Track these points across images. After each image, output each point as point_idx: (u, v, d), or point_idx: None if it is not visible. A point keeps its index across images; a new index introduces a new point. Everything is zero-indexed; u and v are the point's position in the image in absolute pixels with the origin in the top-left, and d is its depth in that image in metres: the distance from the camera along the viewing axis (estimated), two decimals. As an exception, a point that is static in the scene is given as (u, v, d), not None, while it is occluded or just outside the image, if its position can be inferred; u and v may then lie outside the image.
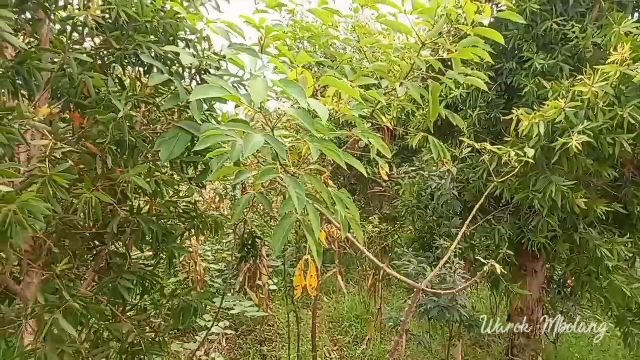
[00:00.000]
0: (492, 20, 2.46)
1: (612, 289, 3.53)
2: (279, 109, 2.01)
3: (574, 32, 3.26)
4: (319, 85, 2.28)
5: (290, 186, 1.59)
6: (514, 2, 3.36)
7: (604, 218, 3.43)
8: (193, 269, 5.64)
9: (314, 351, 3.44)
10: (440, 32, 2.16)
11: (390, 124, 3.05)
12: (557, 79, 3.26)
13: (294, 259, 5.50)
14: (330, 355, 5.22)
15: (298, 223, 1.80)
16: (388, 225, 6.09)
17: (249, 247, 4.11)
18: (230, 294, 5.84)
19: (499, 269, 2.25)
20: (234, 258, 5.20)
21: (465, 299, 3.39)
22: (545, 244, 3.58)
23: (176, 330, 5.59)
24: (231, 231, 5.24)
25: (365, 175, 1.92)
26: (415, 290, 2.64)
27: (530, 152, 2.69)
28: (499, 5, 3.71)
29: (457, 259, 3.45)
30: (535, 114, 2.86)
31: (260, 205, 4.36)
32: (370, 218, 5.62)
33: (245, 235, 4.11)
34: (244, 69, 2.12)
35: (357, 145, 3.05)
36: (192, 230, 2.78)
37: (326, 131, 1.79)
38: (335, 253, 5.45)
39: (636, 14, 3.55)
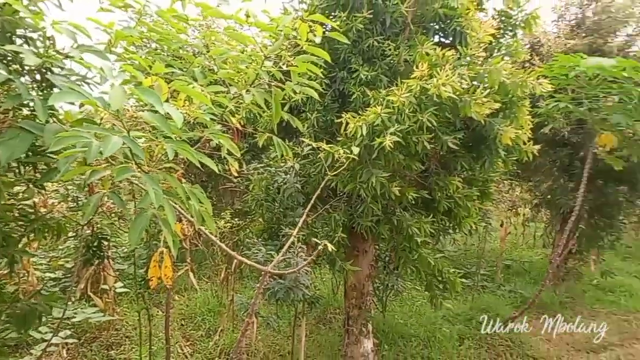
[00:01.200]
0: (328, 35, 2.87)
1: (421, 260, 4.36)
2: (134, 111, 2.11)
3: (390, 49, 3.92)
4: (171, 88, 2.44)
5: (147, 183, 1.75)
6: (342, 21, 3.89)
7: (414, 203, 4.21)
8: (24, 279, 5.16)
9: (167, 344, 3.54)
10: (280, 48, 2.49)
11: (240, 124, 3.32)
12: (378, 88, 3.89)
13: (144, 260, 5.39)
14: (182, 350, 5.30)
15: (153, 219, 1.95)
16: (240, 220, 6.35)
17: (94, 249, 3.99)
18: (70, 302, 5.48)
19: (330, 247, 2.70)
20: (75, 263, 4.91)
21: (307, 279, 3.85)
22: (371, 227, 4.23)
23: (6, 347, 5.06)
24: (70, 235, 4.94)
25: (217, 171, 2.15)
26: (262, 274, 2.97)
27: (356, 150, 3.23)
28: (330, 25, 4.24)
29: (300, 244, 3.89)
30: (360, 117, 3.42)
31: (105, 205, 4.24)
32: (222, 214, 5.80)
33: (90, 237, 3.98)
34: (90, 69, 2.17)
35: (208, 145, 3.25)
36: (32, 234, 2.68)
37: (180, 132, 1.98)
38: (187, 251, 5.52)
39: (437, 37, 4.36)
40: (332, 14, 4.23)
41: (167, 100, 1.96)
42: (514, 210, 8.58)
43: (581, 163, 5.55)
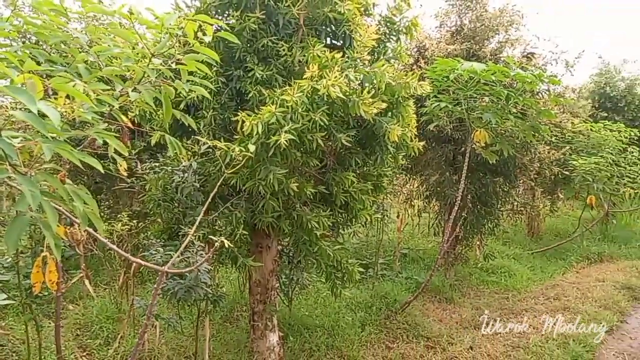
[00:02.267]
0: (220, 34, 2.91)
1: (321, 252, 4.56)
2: (8, 109, 1.99)
3: (284, 50, 4.05)
4: (50, 85, 2.34)
5: (23, 184, 1.70)
6: (237, 20, 3.94)
7: (313, 198, 4.39)
8: None
9: (58, 353, 3.35)
10: (168, 46, 2.50)
11: (133, 122, 3.24)
12: (273, 87, 4.01)
13: (29, 269, 5.00)
14: (78, 361, 5.01)
15: (32, 223, 1.88)
16: (139, 222, 6.12)
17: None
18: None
19: (227, 244, 2.77)
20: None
21: (207, 277, 3.87)
22: (272, 223, 4.35)
23: None
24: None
25: (102, 171, 2.12)
26: (159, 275, 2.95)
27: (252, 148, 3.32)
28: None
29: (200, 243, 3.89)
30: (255, 116, 3.51)
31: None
32: (119, 215, 5.56)
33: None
34: None
35: (95, 144, 3.14)
36: None
37: (59, 132, 1.92)
38: (81, 257, 5.22)
39: (328, 39, 4.57)
40: (226, 12, 4.27)
41: (43, 98, 1.89)
42: (409, 202, 9.22)
43: (463, 157, 6.14)
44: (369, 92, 3.74)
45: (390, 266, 8.88)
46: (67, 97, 2.37)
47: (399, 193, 9.36)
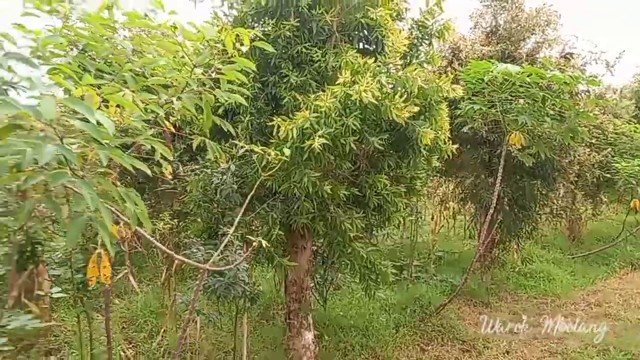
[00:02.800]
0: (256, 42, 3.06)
1: (354, 253, 4.67)
2: (66, 118, 2.19)
3: (317, 56, 4.18)
4: (102, 95, 2.55)
5: (82, 187, 1.89)
6: (272, 28, 4.10)
7: (346, 200, 4.50)
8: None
9: (108, 344, 3.60)
10: (209, 57, 2.67)
11: (175, 126, 3.43)
12: (307, 92, 4.14)
13: (82, 264, 5.33)
14: (125, 352, 5.30)
15: (89, 222, 2.08)
16: (180, 221, 6.40)
17: (28, 254, 3.96)
18: (4, 310, 5.32)
19: (264, 244, 2.91)
20: (6, 270, 4.78)
21: (245, 275, 4.03)
22: (306, 224, 4.48)
23: None
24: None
25: (150, 174, 2.30)
26: (201, 273, 3.13)
27: (287, 152, 3.45)
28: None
29: (239, 242, 4.06)
30: (290, 121, 3.65)
31: (38, 210, 4.19)
32: (161, 215, 5.83)
33: (23, 242, 3.93)
34: (16, 74, 2.26)
35: (142, 149, 3.35)
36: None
37: (112, 139, 2.11)
38: (126, 254, 5.51)
39: (361, 44, 4.67)
40: (261, 20, 4.43)
41: (99, 108, 2.08)
42: (443, 204, 9.17)
43: (499, 160, 6.10)
44: (401, 96, 3.81)
45: (424, 268, 8.86)
46: (117, 105, 2.57)
47: (433, 195, 9.32)
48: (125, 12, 2.84)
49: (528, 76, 4.85)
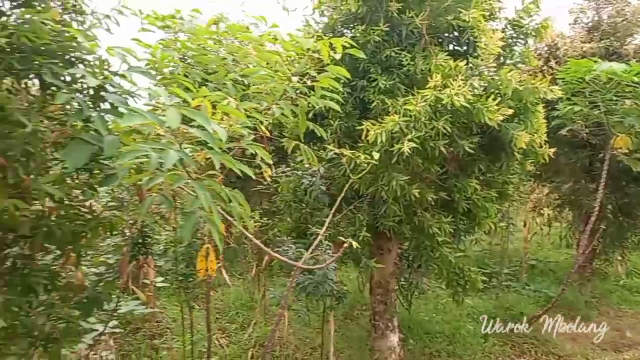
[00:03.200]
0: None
1: (442, 258, 4.61)
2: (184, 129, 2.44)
3: (406, 60, 4.20)
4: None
5: (197, 188, 2.10)
6: (361, 33, 4.19)
7: (434, 204, 4.46)
8: (70, 274, 5.64)
9: (208, 332, 3.91)
10: (305, 66, 2.83)
11: (267, 129, 3.65)
12: (396, 96, 4.17)
13: (183, 257, 5.74)
14: (219, 341, 5.69)
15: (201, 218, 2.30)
16: (268, 219, 6.71)
17: (140, 245, 4.41)
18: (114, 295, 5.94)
19: (355, 245, 3.01)
20: (117, 259, 5.35)
21: (334, 275, 4.17)
22: (393, 227, 4.51)
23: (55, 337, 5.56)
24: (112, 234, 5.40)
25: (253, 177, 2.49)
26: (294, 270, 3.30)
27: (376, 155, 3.52)
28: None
29: (327, 242, 4.20)
30: (379, 125, 3.71)
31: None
32: (252, 214, 6.16)
33: (135, 235, 4.39)
34: (135, 85, 2.57)
35: (244, 153, 3.61)
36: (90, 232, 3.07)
37: (223, 145, 2.33)
38: (218, 249, 5.89)
39: (451, 46, 4.60)
40: (350, 26, 4.54)
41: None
42: (537, 210, 8.66)
43: (601, 164, 5.66)
44: (494, 99, 3.72)
45: (515, 277, 8.45)
46: (223, 113, 2.80)
47: (526, 201, 8.84)
48: (229, 26, 3.09)
49: (635, 75, 4.46)
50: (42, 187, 2.41)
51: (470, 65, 4.02)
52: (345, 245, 2.96)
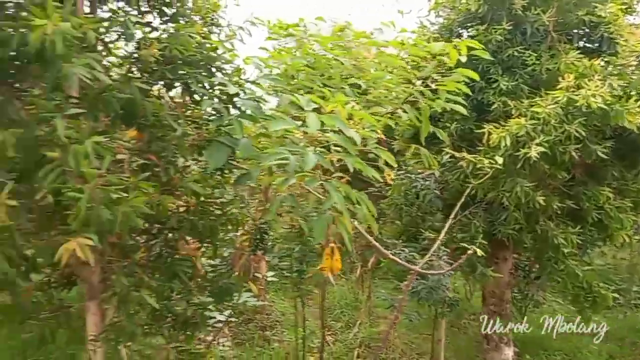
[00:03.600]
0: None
1: (568, 271, 4.28)
2: (320, 134, 2.56)
3: (531, 59, 3.97)
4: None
5: (330, 189, 2.20)
6: (481, 33, 4.05)
7: (559, 212, 4.17)
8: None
9: (322, 328, 4.05)
10: (431, 70, 2.81)
11: (379, 132, 3.69)
12: (518, 97, 3.96)
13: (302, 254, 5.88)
14: (325, 338, 5.84)
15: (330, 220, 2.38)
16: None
17: (259, 241, 4.69)
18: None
19: (479, 252, 2.93)
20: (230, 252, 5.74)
21: (448, 281, 4.07)
22: (512, 235, 4.29)
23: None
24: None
25: (380, 180, 2.54)
26: (410, 273, 3.29)
27: (500, 160, 3.38)
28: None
29: (444, 248, 4.12)
30: (502, 128, 3.56)
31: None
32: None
33: (254, 231, 4.67)
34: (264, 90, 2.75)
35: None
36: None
37: (354, 148, 2.40)
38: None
39: (581, 42, 4.28)
40: (469, 25, 4.40)
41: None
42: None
43: None
44: (635, 100, 3.38)
45: (647, 296, 7.56)
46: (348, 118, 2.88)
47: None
48: (355, 33, 3.18)
49: None
50: (188, 185, 2.68)
51: (606, 62, 3.70)
52: (470, 252, 2.88)
